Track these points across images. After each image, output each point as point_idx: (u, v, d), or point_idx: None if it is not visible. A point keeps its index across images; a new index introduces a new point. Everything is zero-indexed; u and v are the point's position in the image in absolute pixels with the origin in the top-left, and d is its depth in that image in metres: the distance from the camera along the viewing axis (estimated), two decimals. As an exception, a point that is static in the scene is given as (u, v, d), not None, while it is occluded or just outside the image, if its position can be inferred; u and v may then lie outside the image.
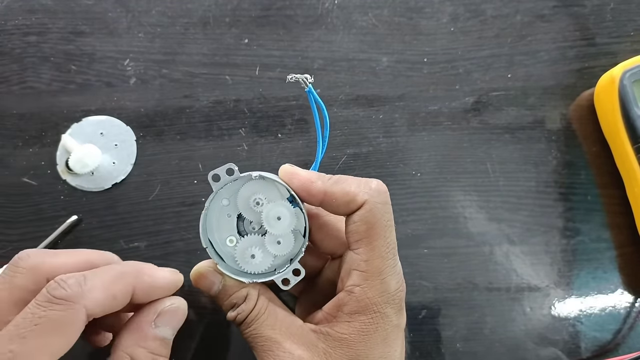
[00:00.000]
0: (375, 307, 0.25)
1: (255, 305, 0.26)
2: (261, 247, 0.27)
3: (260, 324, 0.26)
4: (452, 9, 0.39)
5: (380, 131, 0.37)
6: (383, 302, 0.25)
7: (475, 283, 0.36)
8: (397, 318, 0.26)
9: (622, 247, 0.37)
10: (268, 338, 0.25)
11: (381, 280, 0.25)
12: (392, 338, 0.26)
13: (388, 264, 0.25)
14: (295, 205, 0.27)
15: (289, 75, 0.27)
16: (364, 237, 0.25)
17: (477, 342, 0.35)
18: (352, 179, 0.26)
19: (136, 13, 0.38)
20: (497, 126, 0.38)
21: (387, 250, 0.26)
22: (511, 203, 0.37)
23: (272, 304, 0.27)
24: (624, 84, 0.35)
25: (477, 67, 0.38)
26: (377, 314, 0.25)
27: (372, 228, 0.25)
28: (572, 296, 0.36)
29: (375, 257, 0.25)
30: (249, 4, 0.38)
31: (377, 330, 0.25)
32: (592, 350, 0.35)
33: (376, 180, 0.26)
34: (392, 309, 0.25)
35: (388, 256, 0.26)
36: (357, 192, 0.25)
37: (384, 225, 0.25)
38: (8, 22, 0.37)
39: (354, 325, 0.25)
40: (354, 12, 0.38)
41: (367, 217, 0.25)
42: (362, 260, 0.25)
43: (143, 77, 0.37)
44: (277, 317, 0.26)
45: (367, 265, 0.25)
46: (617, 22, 0.39)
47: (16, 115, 0.36)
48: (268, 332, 0.26)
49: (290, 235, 0.27)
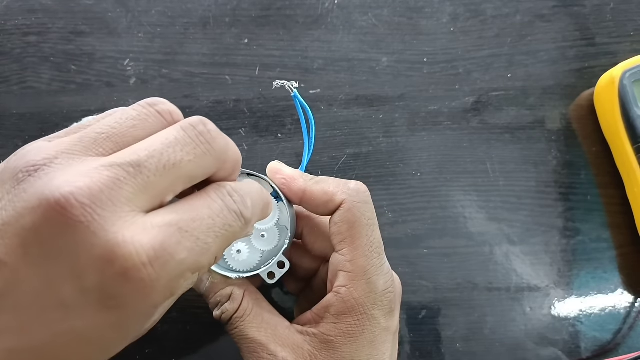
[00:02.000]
0: (361, 308, 0.25)
1: (240, 305, 0.26)
2: (247, 242, 0.27)
3: (246, 325, 0.26)
4: (452, 9, 0.39)
5: (380, 131, 0.37)
6: (370, 303, 0.25)
7: (475, 283, 0.36)
8: (385, 320, 0.26)
9: (622, 247, 0.37)
10: (253, 339, 0.25)
11: (367, 280, 0.25)
12: (380, 341, 0.25)
13: (373, 263, 0.25)
14: (279, 200, 0.27)
15: (275, 82, 0.28)
16: (347, 237, 0.25)
17: (477, 342, 0.35)
18: (332, 179, 0.26)
19: (136, 13, 0.38)
20: (497, 126, 0.38)
21: (372, 249, 0.25)
22: (511, 203, 0.37)
23: (259, 305, 0.27)
24: (624, 84, 0.35)
25: (477, 67, 0.38)
26: (364, 315, 0.25)
27: (354, 227, 0.25)
28: (572, 296, 0.36)
29: (359, 256, 0.25)
30: (249, 4, 0.38)
31: (363, 333, 0.25)
32: (592, 350, 0.35)
33: (355, 181, 0.26)
34: (379, 311, 0.25)
35: (372, 255, 0.25)
36: (335, 192, 0.26)
37: (365, 224, 0.25)
38: (8, 22, 0.37)
39: (340, 327, 0.25)
40: (354, 12, 0.39)
41: (347, 217, 0.25)
42: (347, 260, 0.25)
43: (143, 77, 0.37)
44: (262, 318, 0.26)
45: (351, 265, 0.25)
46: (617, 22, 0.39)
47: (16, 115, 0.36)
48: (253, 334, 0.25)
49: (274, 229, 0.27)
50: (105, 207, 0.16)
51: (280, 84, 0.28)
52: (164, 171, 0.17)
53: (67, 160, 0.17)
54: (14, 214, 0.16)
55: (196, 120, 0.19)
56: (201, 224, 0.18)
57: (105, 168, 0.17)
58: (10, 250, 0.16)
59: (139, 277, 0.16)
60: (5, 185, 0.17)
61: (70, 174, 0.16)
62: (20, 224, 0.16)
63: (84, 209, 0.16)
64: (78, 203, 0.15)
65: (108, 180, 0.16)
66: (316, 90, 0.37)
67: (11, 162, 0.18)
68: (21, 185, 0.16)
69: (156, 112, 0.20)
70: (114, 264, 0.16)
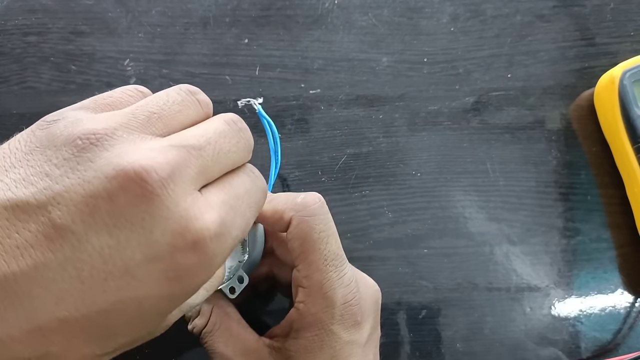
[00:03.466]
0: (319, 323, 0.25)
1: (208, 320, 0.26)
2: None
3: (214, 340, 0.26)
4: (452, 9, 0.39)
5: (380, 131, 0.37)
6: (328, 318, 0.25)
7: (475, 283, 0.36)
8: (348, 334, 0.25)
9: (622, 247, 0.37)
10: (220, 354, 0.26)
11: (323, 295, 0.25)
12: (342, 356, 0.25)
13: (329, 277, 0.25)
14: None
15: (239, 101, 0.30)
16: (300, 253, 0.25)
17: (477, 342, 0.35)
18: (284, 195, 0.26)
19: (136, 13, 0.38)
20: (497, 126, 0.38)
21: (326, 263, 0.25)
22: (511, 203, 0.37)
23: (227, 318, 0.27)
24: (624, 84, 0.35)
25: (477, 67, 0.38)
26: (322, 330, 0.25)
27: (305, 242, 0.25)
28: (572, 296, 0.36)
29: (312, 271, 0.25)
30: (249, 4, 0.38)
31: (322, 348, 0.25)
32: (592, 350, 0.35)
33: (304, 193, 0.26)
34: (339, 325, 0.25)
35: (327, 269, 0.25)
36: (284, 209, 0.26)
37: (316, 238, 0.25)
38: (8, 22, 0.37)
39: (300, 342, 0.25)
40: (354, 12, 0.39)
41: (297, 233, 0.25)
42: (302, 276, 0.25)
43: (143, 77, 0.37)
44: (231, 333, 0.26)
45: (307, 280, 0.25)
46: (617, 22, 0.39)
47: (16, 115, 0.36)
48: (221, 349, 0.26)
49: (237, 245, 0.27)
50: (178, 184, 0.17)
51: (245, 102, 0.30)
52: (218, 157, 0.19)
53: (129, 135, 0.18)
54: (80, 181, 0.16)
55: (235, 117, 0.21)
56: (243, 201, 0.20)
57: (174, 148, 0.18)
58: (77, 217, 0.16)
59: (205, 251, 0.17)
60: (60, 152, 0.17)
61: (143, 150, 0.17)
62: (89, 191, 0.16)
63: (162, 182, 0.17)
64: (158, 177, 0.17)
65: (179, 160, 0.18)
66: (316, 90, 0.37)
67: (59, 128, 0.18)
68: (85, 154, 0.17)
69: (197, 101, 0.21)
70: (185, 236, 0.17)
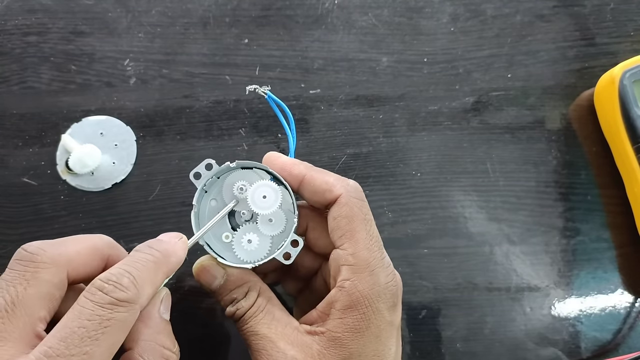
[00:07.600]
0: (366, 300, 0.25)
1: (254, 302, 0.26)
2: (255, 231, 0.27)
3: (257, 322, 0.26)
4: (452, 9, 0.39)
5: (380, 131, 0.37)
6: (374, 295, 0.25)
7: (475, 283, 0.36)
8: (390, 314, 0.26)
9: (622, 247, 0.37)
10: (263, 336, 0.25)
11: (370, 272, 0.25)
12: (385, 335, 0.25)
13: (375, 256, 0.26)
14: (278, 184, 0.27)
15: (248, 87, 0.29)
16: (346, 232, 0.26)
17: (477, 342, 0.35)
18: (333, 174, 0.27)
19: (136, 13, 0.38)
20: (497, 126, 0.38)
21: (372, 243, 0.26)
22: (511, 203, 0.37)
23: (271, 303, 0.27)
24: (624, 84, 0.35)
25: (477, 67, 0.38)
26: (369, 308, 0.25)
27: (353, 221, 0.26)
28: (572, 296, 0.36)
29: (360, 249, 0.25)
30: (249, 4, 0.38)
31: (369, 327, 0.25)
32: (592, 350, 0.35)
33: (353, 180, 0.27)
34: (384, 304, 0.25)
35: (374, 248, 0.26)
36: (335, 184, 0.26)
37: (363, 218, 0.26)
38: (8, 22, 0.37)
39: (347, 322, 0.25)
40: (354, 12, 0.38)
41: (346, 212, 0.26)
42: (349, 254, 0.26)
43: (143, 77, 0.37)
44: (274, 316, 0.26)
45: (354, 258, 0.25)
46: (617, 22, 0.39)
47: (16, 115, 0.36)
48: (264, 330, 0.26)
49: (280, 212, 0.27)
50: None
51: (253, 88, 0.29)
52: None
53: None
54: None
55: None
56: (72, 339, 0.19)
57: None
58: None
59: None
60: None
61: None
62: None
63: None
64: None
65: None
66: (316, 90, 0.37)
67: None
68: None
69: None
70: None
